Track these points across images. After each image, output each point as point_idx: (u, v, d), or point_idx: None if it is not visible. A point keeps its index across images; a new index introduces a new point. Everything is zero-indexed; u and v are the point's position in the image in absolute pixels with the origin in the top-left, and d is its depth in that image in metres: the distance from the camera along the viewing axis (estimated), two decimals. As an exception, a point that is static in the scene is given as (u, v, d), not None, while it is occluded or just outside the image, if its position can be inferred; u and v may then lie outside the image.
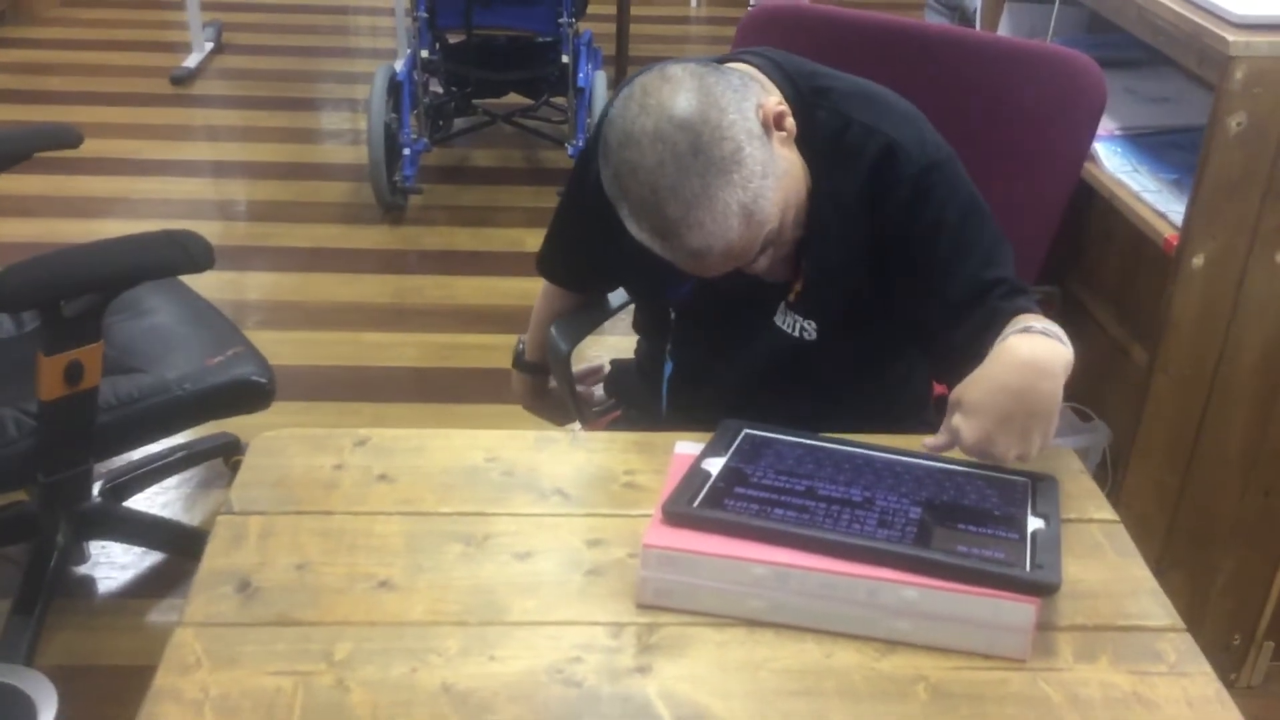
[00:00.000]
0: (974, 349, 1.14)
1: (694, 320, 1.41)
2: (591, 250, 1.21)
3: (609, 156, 1.14)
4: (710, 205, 1.11)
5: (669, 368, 1.46)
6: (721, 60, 1.28)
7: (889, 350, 1.30)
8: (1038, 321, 1.15)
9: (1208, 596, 1.86)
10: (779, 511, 1.04)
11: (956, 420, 1.09)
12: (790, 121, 1.19)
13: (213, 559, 1.05)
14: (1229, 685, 1.95)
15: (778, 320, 1.33)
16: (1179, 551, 1.82)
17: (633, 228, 1.16)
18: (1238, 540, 1.82)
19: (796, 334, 1.31)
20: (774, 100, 1.18)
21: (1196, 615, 1.87)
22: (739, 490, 1.07)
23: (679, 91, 1.12)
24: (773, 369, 1.35)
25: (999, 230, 1.28)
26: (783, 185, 1.16)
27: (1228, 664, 1.93)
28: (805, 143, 1.23)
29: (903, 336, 1.31)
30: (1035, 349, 1.09)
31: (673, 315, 1.43)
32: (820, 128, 1.24)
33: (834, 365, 1.33)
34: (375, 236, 3.41)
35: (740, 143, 1.11)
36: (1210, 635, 1.89)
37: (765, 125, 1.15)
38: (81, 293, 1.56)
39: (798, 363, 1.33)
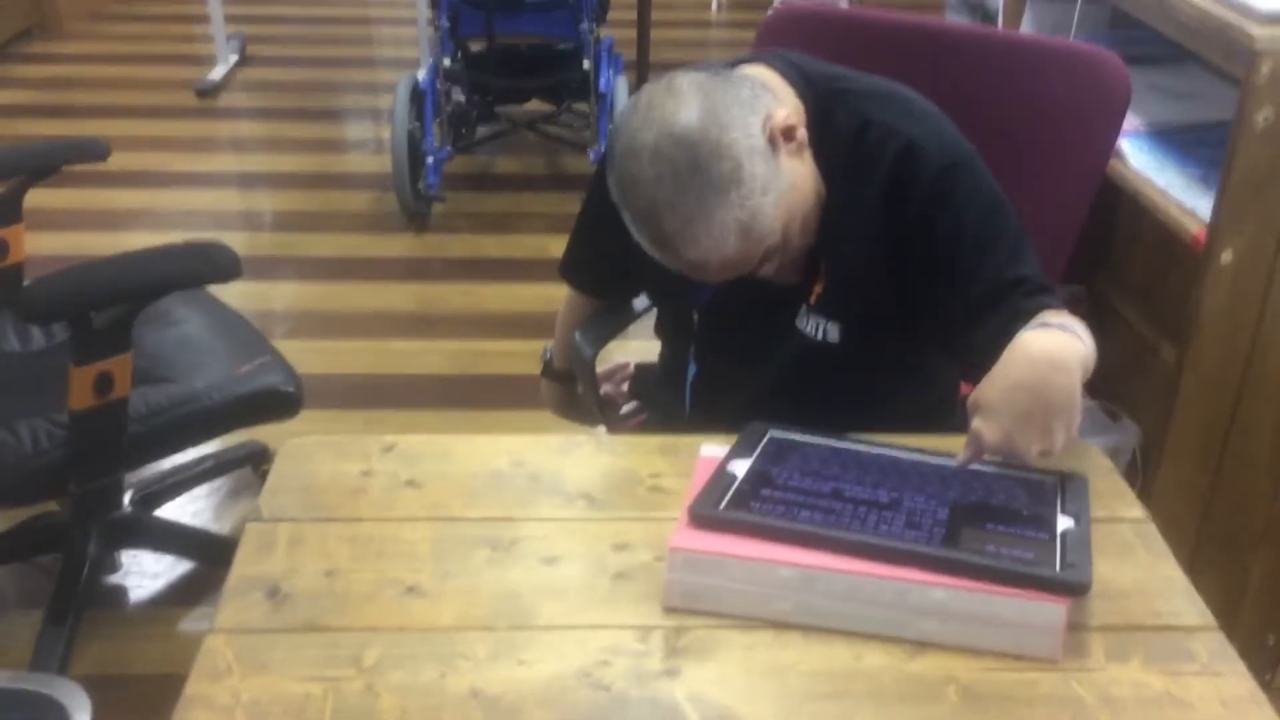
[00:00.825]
0: (997, 348, 1.13)
1: (717, 323, 1.41)
2: (613, 255, 1.22)
3: (613, 165, 1.16)
4: (707, 222, 1.12)
5: (692, 371, 1.46)
6: (739, 62, 1.28)
7: (913, 351, 1.30)
8: (1056, 317, 1.15)
9: (1241, 597, 1.85)
10: (805, 513, 1.03)
11: (976, 423, 1.09)
12: (802, 133, 1.20)
13: (242, 566, 1.05)
14: (1264, 685, 1.92)
15: (800, 323, 1.32)
16: (1211, 552, 1.80)
17: (635, 235, 1.17)
18: (1270, 540, 1.80)
19: (819, 336, 1.31)
20: (783, 113, 1.18)
21: (1230, 616, 1.84)
22: (765, 492, 1.07)
23: (682, 106, 1.12)
24: (796, 371, 1.35)
25: (1021, 227, 1.27)
26: (786, 200, 1.17)
27: (1263, 664, 1.91)
28: (824, 144, 1.24)
29: (927, 337, 1.30)
30: (1048, 344, 1.08)
31: (695, 319, 1.43)
32: (839, 129, 1.24)
33: (858, 367, 1.32)
34: (400, 245, 3.43)
35: (740, 160, 1.12)
36: (1244, 636, 1.87)
37: (772, 139, 1.15)
38: (110, 304, 1.58)
39: (821, 365, 1.33)
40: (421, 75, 3.57)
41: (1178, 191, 1.68)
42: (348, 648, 0.97)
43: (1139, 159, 1.76)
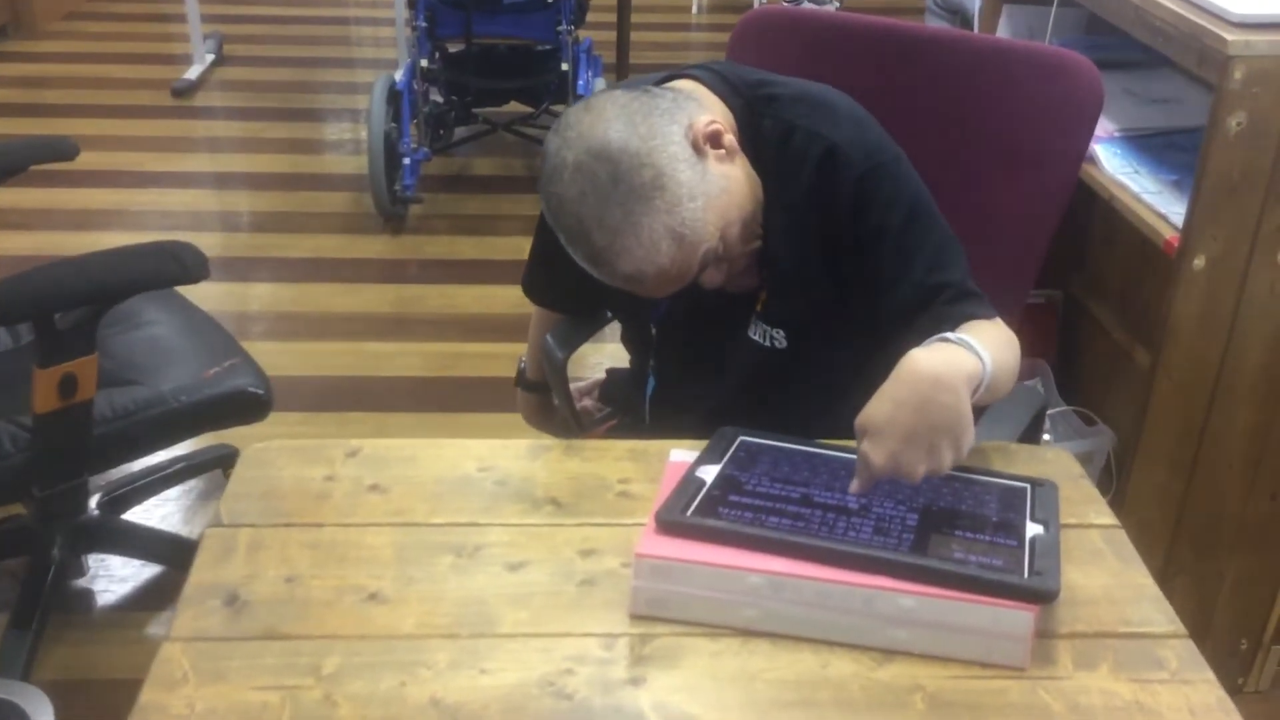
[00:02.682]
0: None
1: (674, 336, 1.41)
2: (570, 272, 1.21)
3: (541, 188, 1.16)
4: (635, 232, 1.12)
5: (651, 384, 1.45)
6: (664, 80, 1.28)
7: (863, 355, 1.29)
8: (974, 327, 1.15)
9: (1215, 601, 1.85)
10: (774, 519, 1.02)
11: (864, 446, 1.06)
12: (729, 138, 1.19)
13: (200, 572, 1.04)
14: (1237, 690, 1.94)
15: (750, 332, 1.32)
16: (1184, 556, 1.80)
17: (571, 254, 1.17)
18: (1244, 544, 1.80)
19: (768, 344, 1.31)
20: (705, 119, 1.17)
21: (1203, 620, 1.85)
22: (733, 498, 1.06)
23: (599, 122, 1.13)
24: (749, 381, 1.34)
25: (948, 231, 1.26)
26: (718, 204, 1.16)
27: (1236, 669, 1.91)
28: (754, 152, 1.24)
29: (872, 340, 1.30)
30: (933, 362, 1.06)
31: (654, 332, 1.42)
32: (767, 136, 1.24)
33: (808, 373, 1.32)
34: (376, 246, 3.40)
35: (661, 168, 1.12)
36: (1218, 640, 1.88)
37: (696, 146, 1.15)
38: (74, 305, 1.56)
39: (772, 373, 1.32)
40: (399, 76, 3.55)
41: (1151, 197, 1.68)
42: (307, 656, 0.95)
43: (1113, 164, 1.75)
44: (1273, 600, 1.86)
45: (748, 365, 1.33)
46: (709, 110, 1.21)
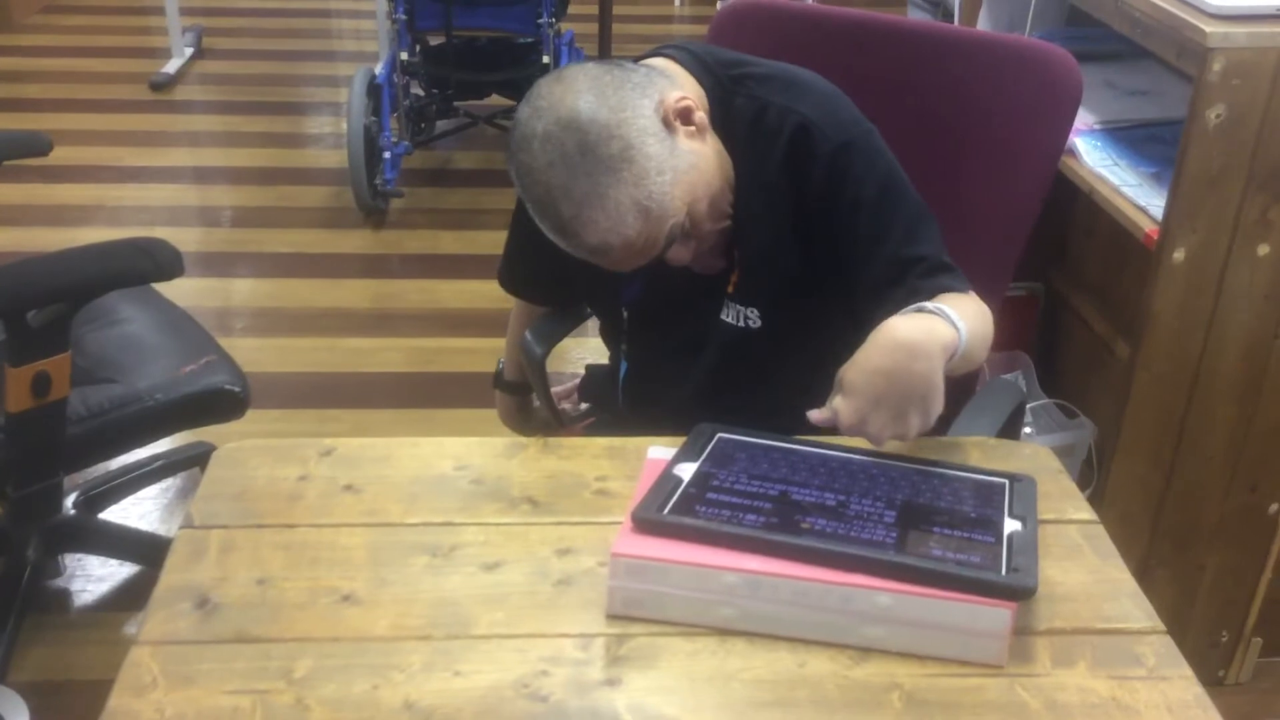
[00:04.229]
0: None
1: (645, 320, 1.41)
2: (546, 259, 1.21)
3: (510, 159, 1.17)
4: (602, 203, 1.12)
5: (624, 368, 1.45)
6: (640, 58, 1.29)
7: (837, 333, 1.29)
8: (949, 298, 1.16)
9: (1195, 593, 1.85)
10: (751, 517, 1.02)
11: (836, 400, 1.09)
12: (699, 115, 1.20)
13: (171, 574, 1.02)
14: (1218, 683, 1.95)
15: (723, 315, 1.33)
16: (1165, 549, 1.80)
17: (539, 224, 1.17)
18: (1224, 536, 1.80)
19: (741, 324, 1.31)
20: (676, 95, 1.18)
21: (1184, 612, 1.85)
22: (711, 496, 1.05)
23: (569, 93, 1.14)
24: (723, 363, 1.35)
25: (921, 205, 1.28)
26: (686, 179, 1.17)
27: (1216, 661, 1.91)
28: (727, 131, 1.25)
29: (845, 316, 1.30)
30: (912, 330, 1.09)
31: (625, 316, 1.42)
32: (740, 114, 1.26)
33: (782, 352, 1.32)
34: (356, 241, 3.38)
35: (630, 141, 1.12)
36: (1198, 632, 1.88)
37: (666, 121, 1.16)
38: (46, 302, 1.54)
39: (746, 353, 1.33)
40: (379, 69, 3.53)
41: (1131, 189, 1.68)
42: (278, 659, 0.94)
43: (1093, 156, 1.75)
44: (1253, 592, 1.86)
45: (722, 347, 1.33)
46: (681, 87, 1.22)
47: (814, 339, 1.30)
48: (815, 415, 1.11)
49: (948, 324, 1.10)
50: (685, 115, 1.18)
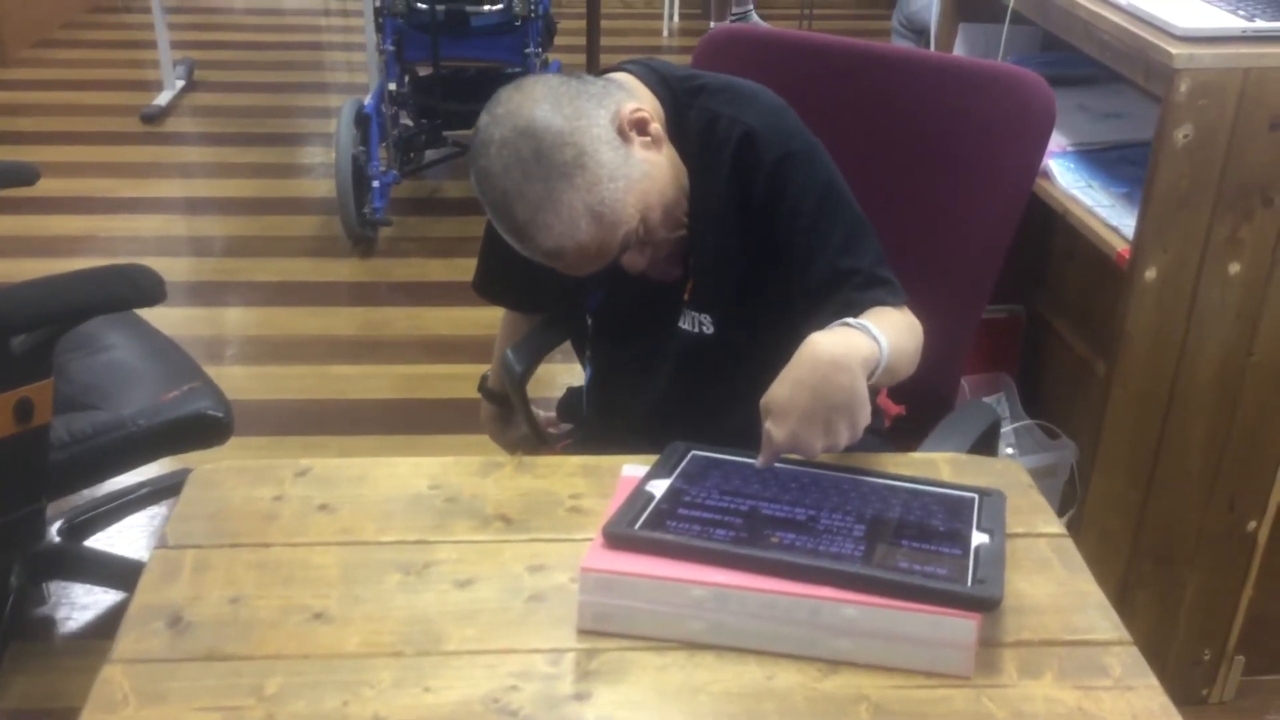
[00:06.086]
0: None
1: (608, 328, 1.44)
2: (514, 264, 1.25)
3: (470, 163, 1.20)
4: (555, 208, 1.16)
5: (587, 375, 1.47)
6: (601, 73, 1.33)
7: (788, 339, 1.31)
8: (877, 313, 1.20)
9: (1176, 612, 1.85)
10: (720, 532, 1.02)
11: (767, 425, 1.11)
12: (655, 126, 1.24)
13: (144, 594, 1.03)
14: (1202, 701, 1.94)
15: (681, 322, 1.36)
16: (1146, 567, 1.80)
17: (497, 228, 1.21)
18: (1204, 554, 1.81)
19: (696, 330, 1.34)
20: (631, 106, 1.22)
21: (1166, 631, 1.85)
22: (682, 511, 1.06)
23: (527, 100, 1.18)
24: (681, 371, 1.38)
25: (861, 218, 1.31)
26: (641, 187, 1.20)
27: (1199, 680, 1.91)
28: (682, 141, 1.28)
29: (796, 326, 1.32)
30: (832, 344, 1.11)
31: (590, 324, 1.44)
32: (693, 126, 1.30)
33: (737, 359, 1.35)
34: (345, 269, 3.40)
35: (584, 148, 1.16)
36: (1181, 651, 1.88)
37: (621, 131, 1.20)
38: (27, 329, 1.55)
39: (702, 360, 1.35)
40: (368, 100, 3.56)
41: (1104, 210, 1.70)
42: (249, 676, 0.94)
43: (1067, 178, 1.77)
44: (1234, 610, 1.87)
45: (679, 355, 1.36)
46: (638, 99, 1.26)
47: (765, 345, 1.31)
48: (760, 462, 1.13)
49: (869, 339, 1.13)
50: (640, 126, 1.22)
